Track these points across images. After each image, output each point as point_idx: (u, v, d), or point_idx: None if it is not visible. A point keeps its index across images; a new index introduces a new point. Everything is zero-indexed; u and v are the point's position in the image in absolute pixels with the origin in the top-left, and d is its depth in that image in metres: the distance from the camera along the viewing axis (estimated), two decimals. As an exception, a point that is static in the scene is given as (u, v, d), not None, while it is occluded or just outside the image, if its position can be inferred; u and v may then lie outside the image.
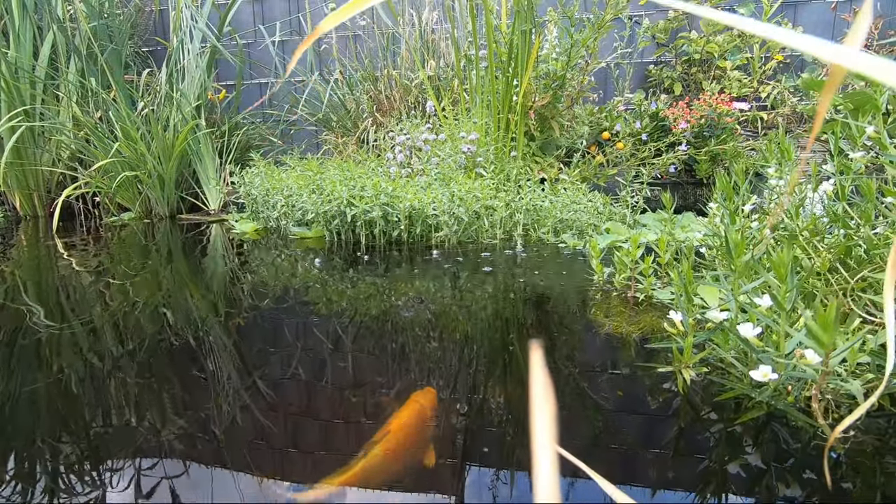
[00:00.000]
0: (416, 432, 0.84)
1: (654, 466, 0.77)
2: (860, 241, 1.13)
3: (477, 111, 2.70)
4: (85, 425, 0.91)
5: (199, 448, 0.83)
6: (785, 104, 3.09)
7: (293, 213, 2.53)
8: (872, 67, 0.20)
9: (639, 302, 1.45)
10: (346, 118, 3.41)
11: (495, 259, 1.97)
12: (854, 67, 0.21)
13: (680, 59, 3.42)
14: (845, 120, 1.22)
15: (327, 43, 3.83)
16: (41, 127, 3.32)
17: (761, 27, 0.23)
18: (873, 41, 3.08)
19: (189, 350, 1.22)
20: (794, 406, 0.89)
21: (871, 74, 0.21)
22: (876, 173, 1.73)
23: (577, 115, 2.84)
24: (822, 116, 0.25)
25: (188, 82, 3.38)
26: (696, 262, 1.47)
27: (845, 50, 0.21)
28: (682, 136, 2.76)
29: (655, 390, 0.98)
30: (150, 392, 1.01)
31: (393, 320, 1.38)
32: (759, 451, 0.79)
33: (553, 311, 1.46)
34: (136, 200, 3.29)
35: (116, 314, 1.46)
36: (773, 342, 0.91)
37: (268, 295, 1.61)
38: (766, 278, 0.91)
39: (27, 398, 1.00)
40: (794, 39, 0.22)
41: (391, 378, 1.06)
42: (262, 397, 0.99)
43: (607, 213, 2.44)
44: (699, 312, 1.10)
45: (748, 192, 1.44)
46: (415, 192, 2.23)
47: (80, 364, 1.15)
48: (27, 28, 3.31)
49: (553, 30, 2.71)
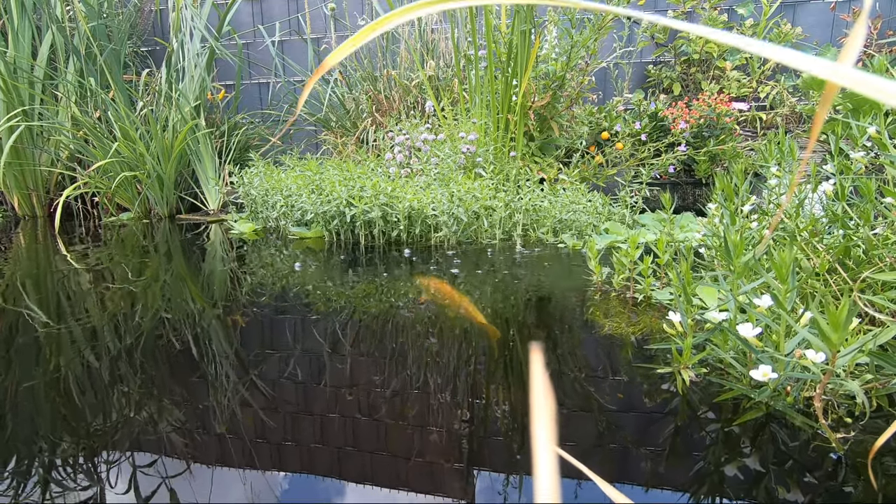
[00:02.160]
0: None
1: (654, 467, 0.77)
2: (859, 241, 1.13)
3: (476, 111, 2.70)
4: (86, 422, 0.90)
5: (195, 437, 0.83)
6: (784, 104, 3.09)
7: (292, 214, 2.52)
8: (864, 84, 0.20)
9: (637, 302, 1.45)
10: (346, 118, 3.41)
11: (494, 259, 1.97)
12: (845, 84, 0.21)
13: (679, 59, 3.42)
14: (846, 120, 1.22)
15: (327, 43, 3.83)
16: (40, 127, 3.32)
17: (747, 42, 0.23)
18: (872, 41, 3.08)
19: (186, 346, 1.21)
20: (793, 407, 0.89)
21: (863, 91, 0.21)
22: (875, 174, 1.73)
23: (576, 116, 2.84)
24: (818, 126, 0.25)
25: (187, 82, 3.37)
26: (696, 263, 1.47)
27: (835, 67, 0.21)
28: (681, 136, 2.76)
29: (654, 391, 0.97)
30: (153, 384, 1.01)
31: (393, 320, 1.38)
32: (759, 452, 0.78)
33: (552, 312, 1.46)
34: (136, 200, 3.29)
35: (114, 311, 1.46)
36: (772, 342, 0.91)
37: (263, 293, 1.61)
38: (767, 279, 0.91)
39: (26, 395, 1.00)
40: (785, 55, 0.22)
41: (390, 376, 1.06)
42: (263, 394, 0.99)
43: (606, 214, 2.44)
44: (698, 313, 1.10)
45: (747, 192, 1.44)
46: (414, 193, 2.23)
47: (77, 361, 1.15)
48: (26, 28, 3.31)
49: (552, 30, 2.71)
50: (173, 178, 3.28)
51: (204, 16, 3.44)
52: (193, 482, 0.76)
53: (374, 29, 0.30)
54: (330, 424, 0.90)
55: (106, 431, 0.88)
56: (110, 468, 0.79)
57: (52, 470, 0.79)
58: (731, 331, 0.95)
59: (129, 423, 0.90)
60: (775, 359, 0.89)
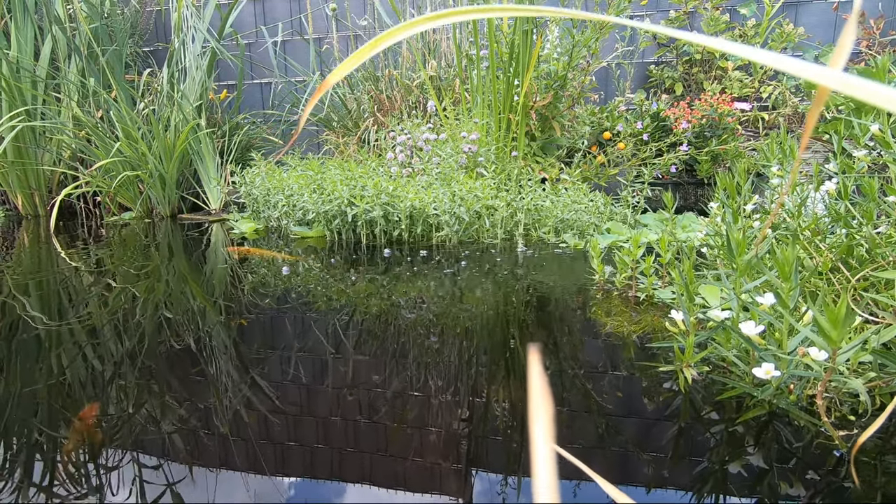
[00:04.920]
0: None
1: (655, 465, 0.76)
2: (862, 240, 1.12)
3: (478, 111, 2.70)
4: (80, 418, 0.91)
5: (195, 427, 0.83)
6: (786, 104, 3.09)
7: (294, 213, 2.53)
8: (856, 88, 0.21)
9: (640, 301, 1.45)
10: (347, 118, 3.41)
11: (496, 258, 1.97)
12: (837, 88, 0.21)
13: (681, 59, 3.42)
14: (848, 118, 1.22)
15: (328, 43, 3.83)
16: (42, 126, 3.32)
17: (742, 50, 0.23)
18: (875, 41, 3.08)
19: (186, 343, 1.21)
20: (795, 405, 0.89)
21: (855, 95, 0.21)
22: (878, 172, 1.73)
23: (578, 115, 2.84)
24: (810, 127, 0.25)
25: (189, 82, 3.38)
26: (698, 262, 1.46)
27: (826, 71, 0.21)
28: (683, 136, 2.76)
29: (656, 389, 0.97)
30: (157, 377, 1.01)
31: (393, 320, 1.38)
32: (762, 450, 0.78)
33: (554, 311, 1.46)
34: (138, 200, 3.29)
35: (112, 309, 1.46)
36: (775, 340, 0.90)
37: (258, 291, 1.61)
38: (769, 277, 0.90)
39: (27, 395, 1.00)
40: (779, 62, 0.22)
41: (391, 374, 1.06)
42: (266, 394, 0.99)
43: (608, 213, 2.44)
44: (700, 311, 1.10)
45: (749, 191, 1.44)
46: (416, 192, 2.23)
47: (79, 360, 1.15)
48: (28, 28, 3.32)
49: (554, 30, 2.71)
50: (175, 177, 3.29)
51: (206, 17, 3.44)
52: (197, 481, 0.76)
53: (375, 45, 0.30)
54: (333, 424, 0.90)
55: (105, 430, 0.88)
56: (119, 468, 0.79)
57: (54, 471, 0.79)
58: (733, 329, 0.95)
59: (131, 421, 0.91)
60: (778, 357, 0.88)
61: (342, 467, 0.78)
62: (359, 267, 1.90)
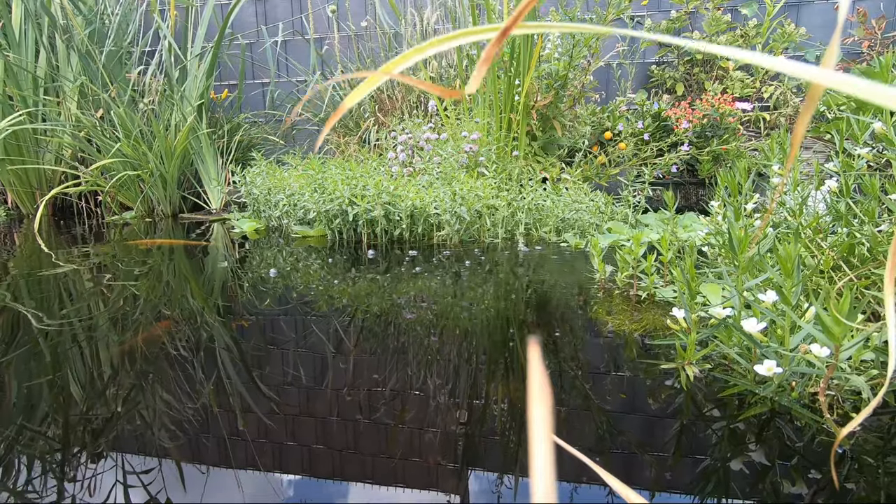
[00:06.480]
0: None
1: (658, 463, 0.76)
2: (863, 238, 1.12)
3: (479, 111, 2.70)
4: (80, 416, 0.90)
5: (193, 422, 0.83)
6: (787, 104, 3.09)
7: (295, 212, 2.53)
8: (851, 86, 0.21)
9: (641, 300, 1.45)
10: (348, 118, 3.41)
11: (497, 258, 1.97)
12: (833, 86, 0.21)
13: (682, 59, 3.41)
14: (851, 116, 1.22)
15: (329, 44, 3.84)
16: (42, 128, 3.33)
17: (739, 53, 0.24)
18: (877, 41, 3.08)
19: (186, 341, 1.21)
20: (797, 402, 0.88)
21: (851, 92, 0.21)
22: (879, 171, 1.73)
23: (579, 115, 2.84)
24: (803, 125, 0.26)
25: (190, 82, 3.38)
26: (699, 261, 1.46)
27: (821, 72, 0.22)
28: (684, 136, 2.76)
29: (658, 387, 0.97)
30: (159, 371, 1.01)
31: (394, 320, 1.38)
32: (763, 447, 0.78)
33: (555, 309, 1.45)
34: (138, 199, 3.30)
35: (109, 306, 1.46)
36: (777, 337, 0.90)
37: (256, 289, 1.61)
38: (771, 274, 0.90)
39: (27, 393, 1.00)
40: (775, 63, 0.23)
41: (391, 372, 1.06)
42: (265, 395, 0.98)
43: (609, 213, 2.44)
44: (702, 309, 1.10)
45: (750, 190, 1.44)
46: (417, 191, 2.23)
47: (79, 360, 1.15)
48: (29, 29, 3.32)
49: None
50: (176, 177, 3.29)
51: (206, 19, 3.45)
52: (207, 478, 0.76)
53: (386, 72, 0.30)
54: (333, 422, 0.90)
55: (102, 429, 0.88)
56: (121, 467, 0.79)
57: (54, 471, 0.79)
58: (735, 326, 0.95)
59: (130, 420, 0.90)
60: (780, 354, 0.88)
61: (342, 467, 0.78)
62: (360, 267, 1.90)
